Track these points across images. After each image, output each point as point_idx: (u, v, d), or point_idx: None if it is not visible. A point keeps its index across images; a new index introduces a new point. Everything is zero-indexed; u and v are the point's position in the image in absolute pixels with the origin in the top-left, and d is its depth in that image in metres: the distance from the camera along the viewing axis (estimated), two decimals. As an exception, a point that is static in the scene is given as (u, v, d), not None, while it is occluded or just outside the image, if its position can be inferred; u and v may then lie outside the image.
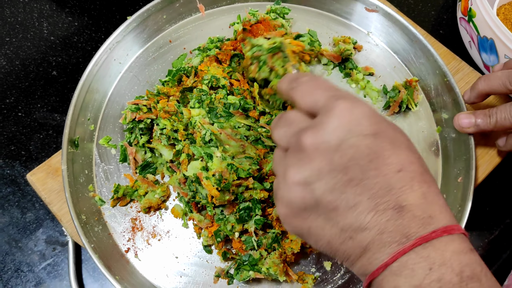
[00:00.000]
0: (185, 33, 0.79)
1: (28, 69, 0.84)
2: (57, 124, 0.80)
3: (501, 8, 0.83)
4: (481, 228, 0.73)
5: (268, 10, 0.78)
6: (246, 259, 0.60)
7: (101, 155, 0.70)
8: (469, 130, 0.65)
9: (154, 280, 0.63)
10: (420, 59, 0.75)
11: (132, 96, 0.74)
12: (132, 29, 0.75)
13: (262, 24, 0.73)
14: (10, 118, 0.80)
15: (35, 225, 0.72)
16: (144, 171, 0.68)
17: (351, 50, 0.75)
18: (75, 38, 0.88)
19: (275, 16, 0.76)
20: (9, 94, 0.82)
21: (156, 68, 0.76)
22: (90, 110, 0.71)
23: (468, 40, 0.83)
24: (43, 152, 0.77)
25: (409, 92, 0.72)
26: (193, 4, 0.79)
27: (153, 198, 0.65)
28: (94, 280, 0.68)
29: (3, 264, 0.69)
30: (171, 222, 0.66)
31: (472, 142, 0.66)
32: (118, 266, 0.61)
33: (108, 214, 0.66)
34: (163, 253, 0.64)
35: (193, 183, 0.60)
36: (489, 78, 0.63)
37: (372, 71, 0.76)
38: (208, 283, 0.62)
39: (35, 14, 0.90)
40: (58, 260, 0.70)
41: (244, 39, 0.70)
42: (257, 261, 0.60)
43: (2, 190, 0.74)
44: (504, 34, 0.71)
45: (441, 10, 0.94)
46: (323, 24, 0.81)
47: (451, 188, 0.67)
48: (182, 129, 0.65)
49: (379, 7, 0.77)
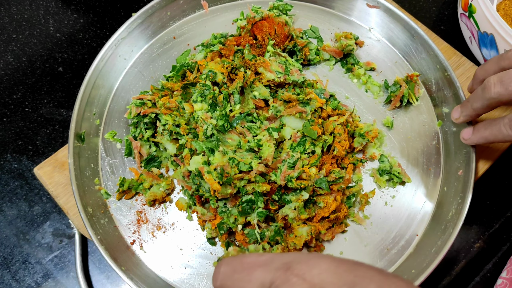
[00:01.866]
0: (189, 30, 0.80)
1: (35, 66, 0.86)
2: (63, 119, 0.81)
3: (501, 4, 0.84)
4: (482, 221, 0.74)
5: (271, 7, 0.79)
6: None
7: (106, 149, 0.71)
8: (469, 142, 0.66)
9: (159, 271, 0.64)
10: (421, 54, 0.76)
11: (137, 91, 0.75)
12: (136, 26, 0.76)
13: (266, 21, 0.74)
14: (17, 114, 0.81)
15: (42, 218, 0.74)
16: (149, 164, 0.69)
17: (352, 45, 0.76)
18: (81, 34, 0.89)
19: (278, 13, 0.77)
20: (16, 90, 0.83)
21: (161, 64, 0.78)
22: (96, 105, 0.72)
23: (468, 35, 0.84)
24: (50, 147, 0.79)
25: (410, 87, 0.73)
26: (196, 1, 0.80)
27: (158, 191, 0.67)
28: (100, 272, 0.69)
29: (11, 256, 0.71)
30: (175, 215, 0.67)
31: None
32: (123, 258, 0.63)
33: (114, 207, 0.67)
34: (168, 245, 0.65)
35: (196, 177, 0.61)
36: (484, 65, 0.64)
37: (374, 66, 0.77)
38: (212, 274, 0.63)
39: (41, 11, 0.92)
40: (65, 252, 0.71)
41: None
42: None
43: (10, 184, 0.76)
44: (504, 29, 0.72)
45: (442, 6, 0.94)
46: (325, 20, 0.82)
47: (451, 181, 0.68)
48: (184, 124, 0.66)
49: (380, 3, 0.78)
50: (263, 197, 0.62)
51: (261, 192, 0.62)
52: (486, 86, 0.59)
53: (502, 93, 0.57)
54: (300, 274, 0.29)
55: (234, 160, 0.60)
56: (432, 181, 0.69)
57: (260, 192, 0.62)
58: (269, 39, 0.73)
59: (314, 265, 0.30)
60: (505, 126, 0.58)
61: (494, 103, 0.59)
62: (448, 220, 0.64)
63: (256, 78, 0.69)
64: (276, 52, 0.73)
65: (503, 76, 0.57)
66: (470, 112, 0.64)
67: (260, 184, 0.62)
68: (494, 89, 0.58)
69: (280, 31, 0.74)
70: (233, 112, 0.65)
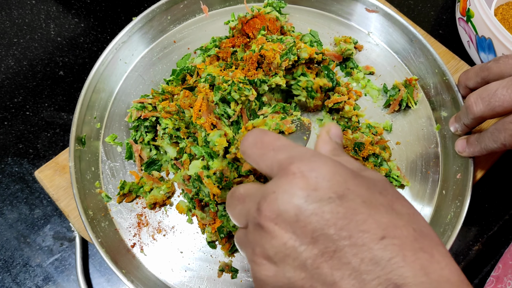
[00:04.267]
0: (189, 34, 0.81)
1: (36, 69, 0.86)
2: (64, 123, 0.81)
3: (499, 8, 0.85)
4: (480, 224, 0.74)
5: (265, 4, 0.79)
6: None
7: (107, 152, 0.71)
8: (464, 155, 0.66)
9: (160, 274, 0.64)
10: (420, 58, 0.76)
11: (138, 95, 0.76)
12: (137, 30, 0.77)
13: (258, 18, 0.74)
14: (18, 117, 0.81)
15: (43, 221, 0.74)
16: (150, 168, 0.70)
17: (352, 49, 0.76)
18: (82, 39, 0.90)
19: (270, 9, 0.78)
20: (17, 93, 0.83)
21: (161, 68, 0.78)
22: (97, 109, 0.73)
23: (466, 39, 0.85)
24: (51, 150, 0.79)
25: (409, 91, 0.74)
26: (197, 5, 0.81)
27: (158, 195, 0.67)
28: (100, 275, 0.70)
29: (12, 259, 0.71)
30: (176, 218, 0.68)
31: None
32: (124, 261, 0.63)
33: (115, 210, 0.68)
34: (168, 248, 0.66)
35: (195, 181, 0.61)
36: (467, 71, 0.65)
37: (373, 70, 0.78)
38: (212, 277, 0.64)
39: (42, 15, 0.92)
40: (66, 255, 0.71)
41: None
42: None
43: (10, 187, 0.76)
44: (502, 33, 0.72)
45: (440, 11, 0.95)
46: (324, 25, 0.82)
47: (450, 185, 0.68)
48: (184, 127, 0.66)
49: (379, 8, 0.78)
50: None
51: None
52: (468, 105, 0.59)
53: (484, 110, 0.56)
54: (300, 170, 0.31)
55: (233, 165, 0.60)
56: (431, 184, 0.70)
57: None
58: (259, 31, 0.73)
59: (314, 168, 0.31)
60: (490, 140, 0.58)
61: (480, 119, 0.59)
62: (447, 223, 0.64)
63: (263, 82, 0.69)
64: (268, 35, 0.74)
65: (481, 93, 0.56)
66: (463, 127, 0.65)
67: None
68: (475, 108, 0.57)
69: (272, 27, 0.75)
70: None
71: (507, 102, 0.53)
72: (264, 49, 0.65)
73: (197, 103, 0.63)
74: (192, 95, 0.66)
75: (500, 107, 0.54)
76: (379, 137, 0.70)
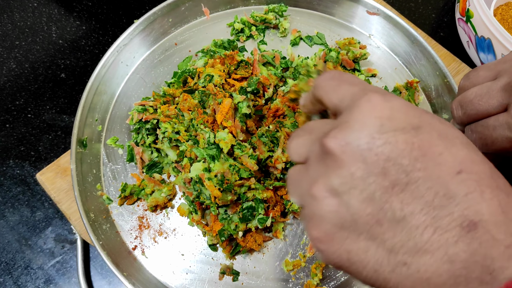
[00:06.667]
0: (190, 36, 0.81)
1: (37, 72, 0.86)
2: (66, 125, 0.81)
3: (498, 9, 0.85)
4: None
5: (266, 10, 0.80)
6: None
7: (108, 155, 0.71)
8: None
9: (161, 276, 0.64)
10: (421, 60, 0.76)
11: (139, 97, 0.76)
12: (138, 32, 0.77)
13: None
14: (20, 120, 0.82)
15: (44, 223, 0.74)
16: (151, 170, 0.70)
17: (366, 53, 0.76)
18: (83, 41, 0.90)
19: (274, 15, 0.78)
20: (18, 96, 0.84)
21: (162, 70, 0.78)
22: (98, 111, 0.73)
23: (466, 40, 0.85)
24: (52, 153, 0.79)
25: (410, 93, 0.74)
26: (198, 8, 0.81)
27: (159, 197, 0.67)
28: (102, 277, 0.70)
29: (13, 261, 0.71)
30: (177, 220, 0.68)
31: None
32: (125, 263, 0.63)
33: (116, 212, 0.68)
34: (169, 251, 0.66)
35: (196, 184, 0.61)
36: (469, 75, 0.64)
37: (375, 72, 0.78)
38: (214, 279, 0.64)
39: (44, 18, 0.93)
40: (67, 257, 0.72)
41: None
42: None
43: (12, 190, 0.76)
44: (501, 34, 0.72)
45: (441, 13, 0.95)
46: (325, 27, 0.82)
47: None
48: (184, 131, 0.66)
49: (380, 10, 0.79)
50: (264, 204, 0.62)
51: (262, 199, 0.62)
52: (451, 110, 0.59)
53: (462, 117, 0.55)
54: (375, 99, 0.30)
55: (234, 167, 0.60)
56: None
57: (261, 198, 0.62)
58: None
59: (389, 99, 0.30)
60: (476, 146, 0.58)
61: (465, 123, 0.58)
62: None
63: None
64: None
65: (461, 100, 0.56)
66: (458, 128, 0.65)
67: (260, 191, 0.62)
68: (456, 114, 0.57)
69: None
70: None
71: (481, 112, 0.54)
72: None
73: (225, 107, 0.62)
74: (191, 98, 0.66)
75: (476, 114, 0.55)
76: None
